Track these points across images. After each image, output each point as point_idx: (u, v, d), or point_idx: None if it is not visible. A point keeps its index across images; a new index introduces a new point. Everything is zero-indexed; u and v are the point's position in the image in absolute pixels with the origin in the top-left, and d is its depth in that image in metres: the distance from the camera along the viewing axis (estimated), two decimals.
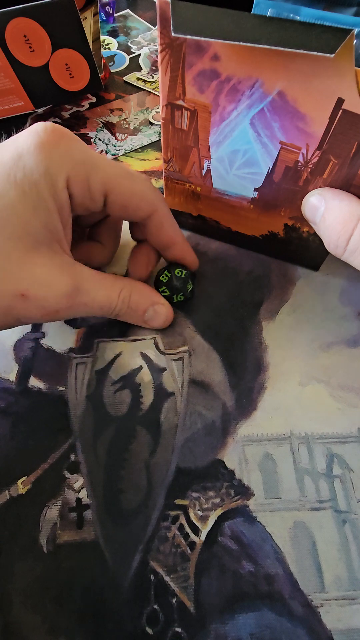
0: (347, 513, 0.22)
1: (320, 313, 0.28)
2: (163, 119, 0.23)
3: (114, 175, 0.23)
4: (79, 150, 0.21)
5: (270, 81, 0.19)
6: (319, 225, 0.23)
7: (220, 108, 0.21)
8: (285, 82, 0.19)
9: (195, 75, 0.20)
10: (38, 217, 0.20)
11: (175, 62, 0.20)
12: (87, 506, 0.22)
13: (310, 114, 0.19)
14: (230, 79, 0.20)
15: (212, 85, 0.20)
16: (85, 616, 0.20)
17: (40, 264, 0.21)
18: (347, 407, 0.25)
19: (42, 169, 0.20)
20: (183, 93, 0.21)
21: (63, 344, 0.27)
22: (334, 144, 0.20)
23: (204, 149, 0.24)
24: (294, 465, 0.24)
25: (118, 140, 0.39)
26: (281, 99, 0.19)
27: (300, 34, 0.16)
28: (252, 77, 0.19)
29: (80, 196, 0.22)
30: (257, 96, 0.20)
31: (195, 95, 0.21)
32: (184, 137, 0.24)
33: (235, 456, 0.24)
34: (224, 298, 0.29)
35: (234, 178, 0.25)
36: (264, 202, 0.26)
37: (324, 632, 0.20)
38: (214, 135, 0.23)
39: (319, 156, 0.21)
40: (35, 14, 0.31)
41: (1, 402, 0.25)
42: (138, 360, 0.27)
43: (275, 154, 0.22)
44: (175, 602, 0.20)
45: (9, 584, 0.21)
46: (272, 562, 0.21)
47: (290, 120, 0.20)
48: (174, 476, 0.23)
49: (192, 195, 0.28)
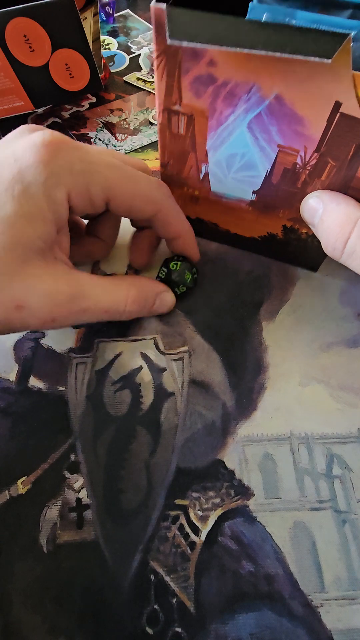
0: (347, 513, 0.22)
1: (320, 313, 0.28)
2: (160, 124, 0.23)
3: (115, 180, 0.22)
4: (79, 159, 0.21)
5: (267, 85, 0.19)
6: (317, 228, 0.23)
7: (217, 113, 0.21)
8: (283, 86, 0.19)
9: (191, 81, 0.20)
10: (33, 228, 0.20)
11: (172, 68, 0.20)
12: (87, 506, 0.22)
13: (308, 117, 0.19)
14: (227, 84, 0.19)
15: (208, 90, 0.20)
16: (85, 616, 0.20)
17: (35, 274, 0.21)
18: (347, 407, 0.25)
19: (40, 183, 0.20)
20: (180, 98, 0.21)
21: (63, 344, 0.27)
22: (332, 146, 0.20)
23: (202, 153, 0.24)
24: (294, 466, 0.24)
25: (118, 141, 0.39)
26: (278, 102, 0.19)
27: (296, 39, 0.16)
28: (249, 81, 0.19)
29: (82, 205, 0.22)
30: (254, 100, 0.20)
31: (192, 100, 0.21)
32: (181, 142, 0.24)
33: (235, 456, 0.24)
34: (224, 298, 0.29)
35: (232, 181, 0.25)
36: (263, 204, 0.26)
37: (324, 632, 0.20)
38: (211, 140, 0.23)
39: (317, 158, 0.21)
40: (35, 14, 0.31)
41: (1, 402, 0.25)
42: (138, 360, 0.27)
43: (274, 157, 0.22)
44: (175, 602, 0.20)
45: (9, 584, 0.21)
46: (272, 562, 0.21)
47: (288, 124, 0.20)
48: (174, 476, 0.23)
49: (190, 198, 0.28)
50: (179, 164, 0.25)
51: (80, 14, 0.33)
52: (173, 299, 0.28)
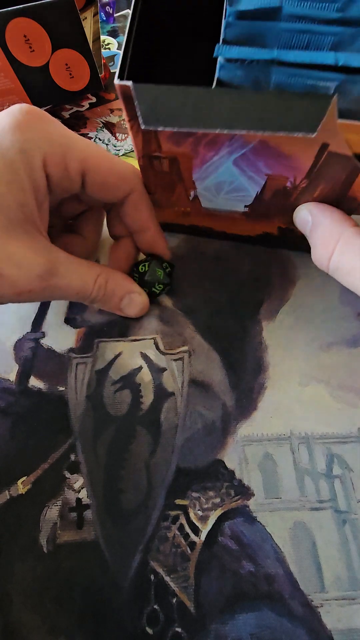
0: (347, 513, 0.22)
1: (320, 313, 0.28)
2: (141, 166, 0.23)
3: (92, 154, 0.22)
4: (56, 130, 0.21)
5: (249, 137, 0.18)
6: (309, 239, 0.23)
7: (201, 155, 0.20)
8: (266, 136, 0.18)
9: (169, 136, 0.19)
10: (12, 196, 0.20)
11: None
12: (87, 506, 0.22)
13: (295, 155, 0.19)
14: (206, 135, 0.19)
15: (188, 141, 0.19)
16: (85, 616, 0.20)
17: (14, 243, 0.21)
18: (347, 407, 0.25)
19: (17, 149, 0.20)
20: (159, 148, 0.20)
21: (63, 344, 0.27)
22: (322, 175, 0.20)
23: (189, 183, 0.23)
24: (294, 465, 0.24)
25: (118, 140, 0.39)
26: (263, 145, 0.19)
27: (277, 113, 0.15)
28: (229, 134, 0.18)
29: (58, 176, 0.22)
30: (237, 145, 0.19)
31: (172, 148, 0.20)
32: (166, 177, 0.23)
33: (235, 456, 0.24)
34: (224, 298, 0.29)
35: (223, 200, 0.25)
36: (256, 214, 0.25)
37: (324, 632, 0.20)
38: (197, 174, 0.22)
39: (308, 183, 0.21)
40: (35, 14, 0.31)
41: (1, 402, 0.25)
42: (138, 360, 0.27)
43: (263, 183, 0.22)
44: (175, 602, 0.20)
45: (9, 584, 0.21)
46: (272, 562, 0.21)
47: (275, 159, 0.19)
48: (174, 476, 0.23)
49: (181, 214, 0.28)
50: (167, 193, 0.25)
51: (80, 14, 0.33)
52: (145, 302, 0.27)
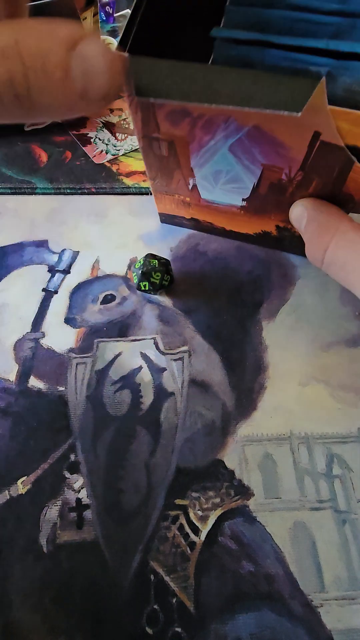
0: (347, 513, 0.22)
1: (320, 313, 0.28)
2: (141, 147, 0.23)
3: None
4: None
5: (244, 119, 0.18)
6: (303, 235, 0.23)
7: (197, 138, 0.21)
8: (259, 120, 0.18)
9: (166, 114, 0.20)
10: None
11: (145, 103, 0.19)
12: (87, 506, 0.22)
13: (289, 143, 0.19)
14: (202, 116, 0.19)
15: (185, 121, 0.20)
16: (85, 616, 0.20)
17: None
18: (347, 407, 0.25)
19: None
20: (157, 128, 0.21)
21: (63, 344, 0.27)
22: (316, 167, 0.20)
23: (187, 170, 0.24)
24: (294, 465, 0.24)
25: (118, 140, 0.39)
26: (257, 130, 0.19)
27: (265, 90, 0.16)
28: (224, 115, 0.19)
29: None
30: (232, 128, 0.19)
31: (170, 129, 0.21)
32: (165, 161, 0.24)
33: (235, 456, 0.24)
34: (224, 298, 0.29)
35: (221, 191, 0.25)
36: (253, 208, 0.26)
37: (324, 632, 0.20)
38: (194, 160, 0.23)
39: (302, 176, 0.21)
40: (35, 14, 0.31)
41: (1, 402, 0.25)
42: (138, 360, 0.27)
43: (259, 173, 0.22)
44: (175, 602, 0.20)
45: (9, 584, 0.21)
46: (272, 562, 0.21)
47: (270, 146, 0.20)
48: (174, 476, 0.23)
49: (182, 203, 0.28)
50: (166, 178, 0.25)
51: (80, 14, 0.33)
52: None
